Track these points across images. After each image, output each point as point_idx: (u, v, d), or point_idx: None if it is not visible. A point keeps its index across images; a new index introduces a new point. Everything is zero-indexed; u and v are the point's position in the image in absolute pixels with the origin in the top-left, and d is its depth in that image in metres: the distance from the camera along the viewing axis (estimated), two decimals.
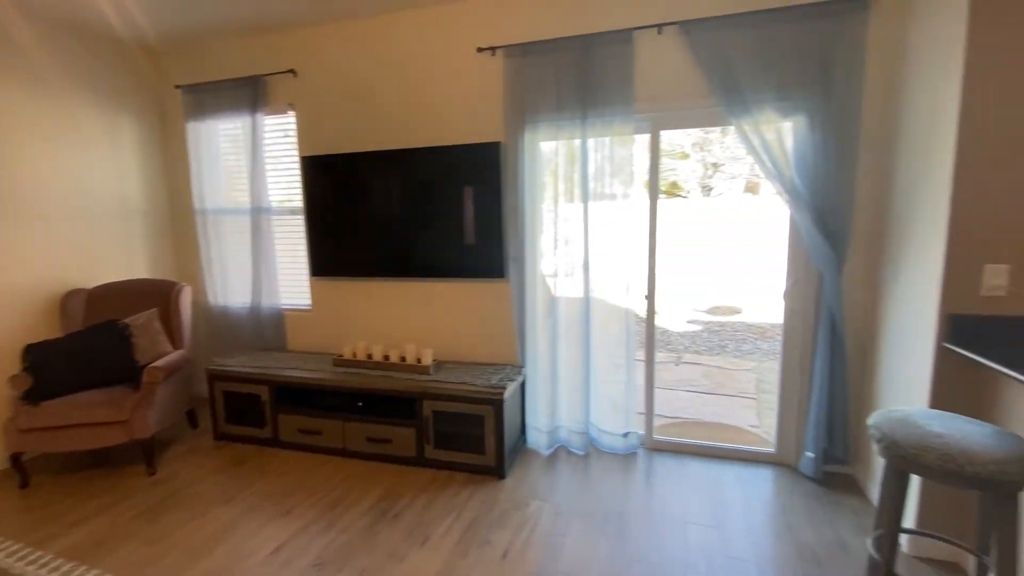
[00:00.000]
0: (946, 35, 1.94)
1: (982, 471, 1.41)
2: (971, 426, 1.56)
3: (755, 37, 2.49)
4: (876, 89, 2.44)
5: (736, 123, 2.56)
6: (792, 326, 2.77)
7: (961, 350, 1.81)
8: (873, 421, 1.66)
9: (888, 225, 2.42)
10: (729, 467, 2.86)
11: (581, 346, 3.00)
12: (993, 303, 1.88)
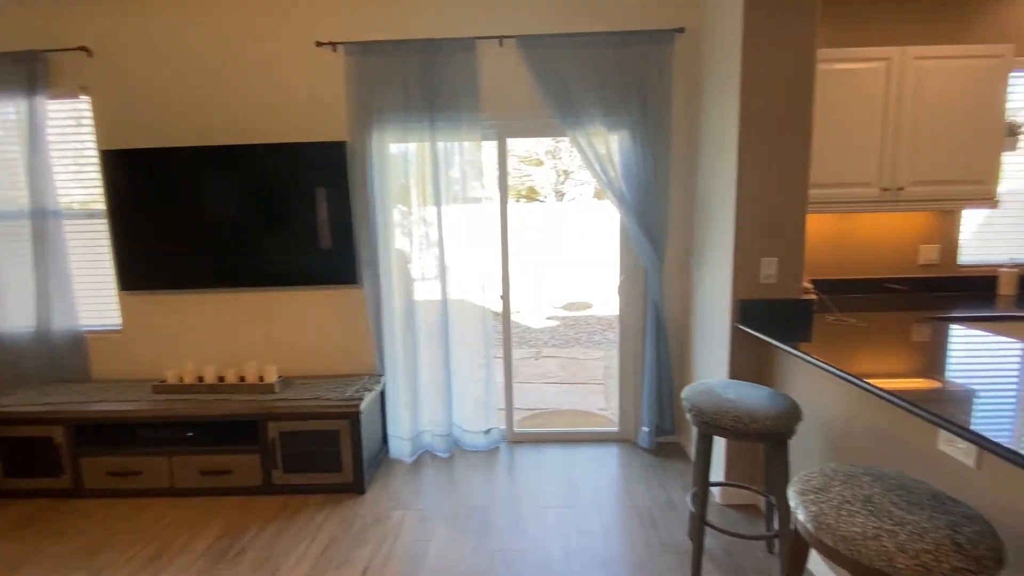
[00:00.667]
0: (726, 68, 2.34)
1: (761, 427, 1.73)
2: (755, 391, 1.90)
3: (584, 57, 2.75)
4: (682, 110, 2.85)
5: (572, 135, 2.79)
6: (626, 317, 3.11)
7: (747, 328, 2.20)
8: (685, 394, 1.94)
9: (695, 227, 2.84)
10: (582, 450, 3.10)
11: (441, 349, 3.01)
12: (768, 289, 2.33)
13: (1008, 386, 1.38)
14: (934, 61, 2.51)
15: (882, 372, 1.52)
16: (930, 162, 2.57)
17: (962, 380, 1.44)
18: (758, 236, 2.30)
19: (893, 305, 2.65)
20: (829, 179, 2.61)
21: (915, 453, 1.49)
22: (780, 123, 2.22)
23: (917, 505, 1.15)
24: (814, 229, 2.96)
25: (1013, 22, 2.82)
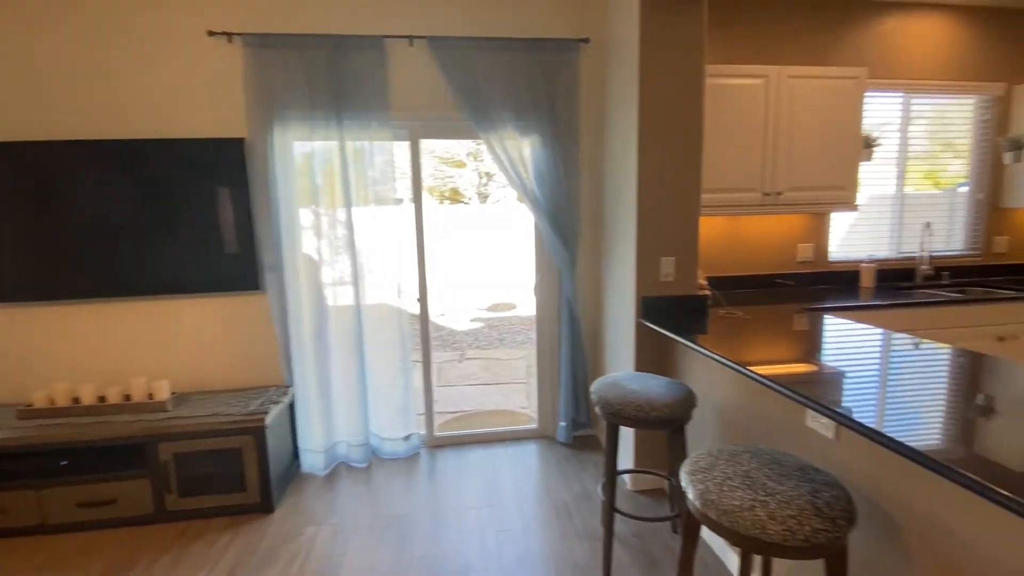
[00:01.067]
0: (627, 80, 2.48)
1: (660, 415, 1.84)
2: (655, 381, 2.03)
3: (496, 61, 2.78)
4: (590, 117, 2.97)
5: (486, 138, 2.82)
6: (542, 316, 3.19)
7: (649, 323, 2.34)
8: (594, 388, 2.02)
9: (604, 229, 2.97)
10: (503, 448, 3.14)
11: (356, 356, 2.91)
12: (667, 286, 2.49)
13: (862, 367, 1.58)
14: (804, 80, 2.83)
15: (760, 359, 1.69)
16: (803, 170, 2.89)
17: (826, 363, 1.63)
18: (657, 237, 2.45)
19: (776, 298, 2.94)
20: (719, 185, 2.85)
21: (788, 430, 1.67)
22: (675, 132, 2.39)
23: (786, 476, 1.28)
24: (708, 230, 3.21)
25: (867, 49, 3.24)
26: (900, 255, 3.49)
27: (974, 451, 1.03)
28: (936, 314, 2.83)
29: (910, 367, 1.57)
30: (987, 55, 3.38)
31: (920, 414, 1.21)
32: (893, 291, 3.16)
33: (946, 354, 1.68)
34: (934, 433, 1.11)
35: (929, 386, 1.40)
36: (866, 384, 1.43)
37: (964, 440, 1.08)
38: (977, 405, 1.27)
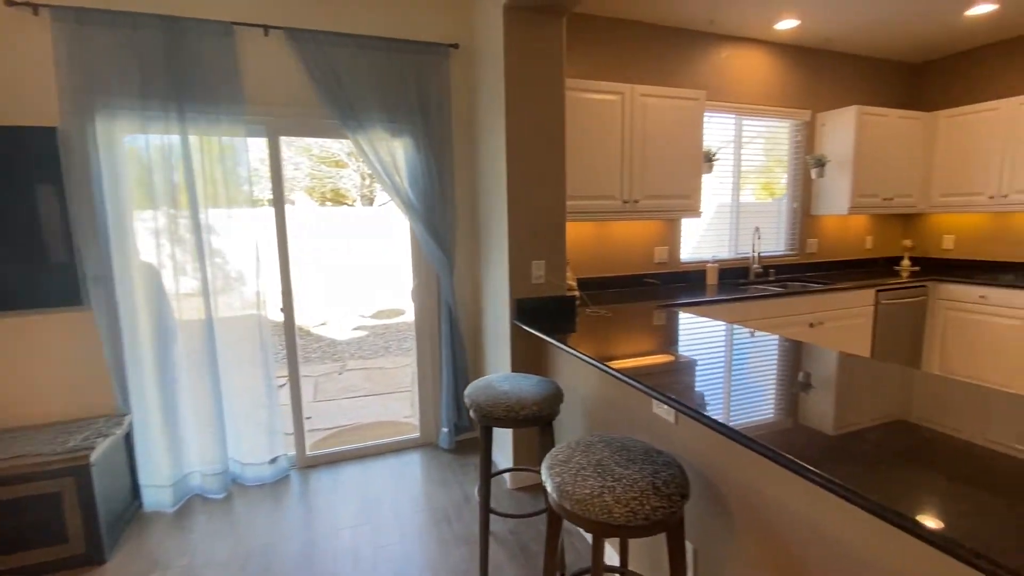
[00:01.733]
0: (494, 88, 2.54)
1: (529, 413, 1.90)
2: (526, 381, 2.09)
3: (363, 60, 2.69)
4: (463, 122, 3.00)
5: (353, 138, 2.70)
6: (422, 321, 3.14)
7: (523, 325, 2.41)
8: (467, 392, 2.03)
9: (480, 233, 3.01)
10: (383, 461, 3.02)
11: (209, 375, 2.61)
12: (539, 288, 2.59)
13: (700, 356, 1.78)
14: (654, 99, 3.12)
15: (616, 354, 1.82)
16: (655, 180, 3.19)
17: (670, 354, 1.81)
18: (528, 241, 2.54)
19: (637, 297, 3.20)
20: (585, 192, 3.03)
21: (639, 417, 1.82)
22: (540, 141, 2.49)
23: (632, 461, 1.39)
24: (577, 235, 3.40)
25: (705, 74, 3.67)
26: (737, 256, 4.01)
27: (776, 426, 1.20)
28: (764, 306, 3.29)
29: (738, 355, 1.79)
30: (798, 86, 4.03)
31: (740, 396, 1.39)
32: (732, 287, 3.62)
33: (765, 342, 1.95)
34: (747, 411, 1.28)
35: (751, 371, 1.61)
36: (700, 371, 1.61)
37: (770, 416, 1.25)
38: (785, 388, 1.48)
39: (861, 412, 1.25)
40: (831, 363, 1.66)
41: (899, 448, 1.04)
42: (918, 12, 3.37)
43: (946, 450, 1.03)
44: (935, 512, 0.82)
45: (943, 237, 4.40)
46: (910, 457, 1.00)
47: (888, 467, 0.96)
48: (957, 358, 3.77)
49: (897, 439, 1.08)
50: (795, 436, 1.12)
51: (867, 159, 3.90)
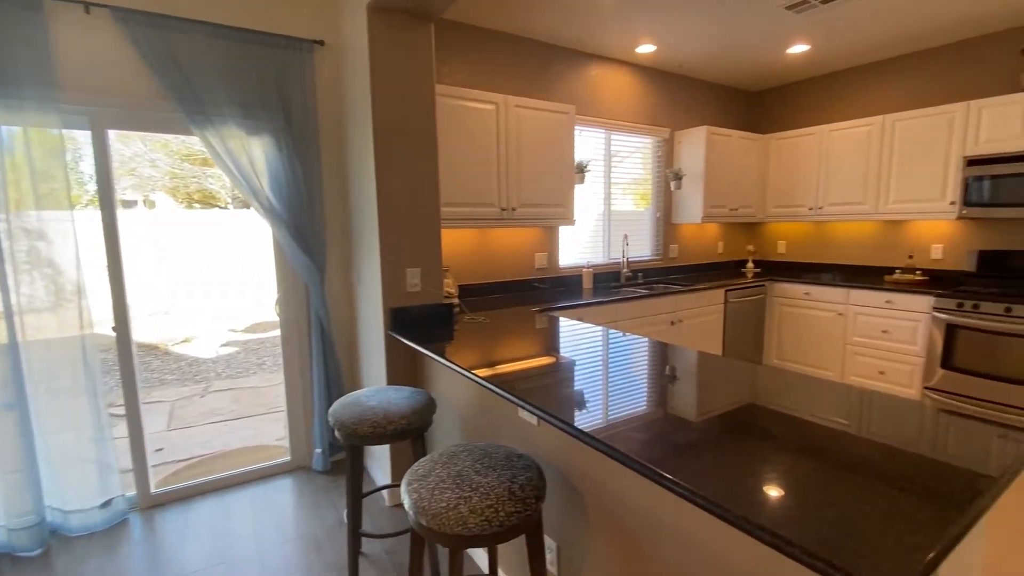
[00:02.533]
0: (361, 89, 2.45)
1: (398, 427, 1.84)
2: (397, 393, 2.02)
3: (212, 49, 2.44)
4: (331, 123, 2.85)
5: (200, 134, 2.44)
6: (289, 335, 2.92)
7: (396, 335, 2.34)
8: (332, 410, 1.91)
9: (353, 240, 2.88)
10: (248, 491, 2.75)
11: (14, 410, 2.18)
12: (415, 296, 2.53)
13: (564, 359, 1.84)
14: (527, 110, 3.23)
15: (485, 361, 1.83)
16: (530, 189, 3.29)
17: (540, 359, 1.86)
18: (401, 248, 2.48)
19: (518, 302, 3.27)
20: (463, 199, 3.04)
21: (507, 423, 1.84)
22: (411, 146, 2.44)
23: (492, 468, 1.39)
24: (458, 242, 3.40)
25: (576, 89, 3.88)
26: (610, 261, 4.28)
27: (618, 427, 1.27)
28: (633, 306, 3.54)
29: (601, 356, 1.89)
30: (658, 105, 4.42)
31: (597, 396, 1.46)
32: (605, 290, 3.85)
33: (628, 343, 2.09)
34: (600, 410, 1.35)
35: (613, 372, 1.71)
36: (564, 373, 1.67)
37: (624, 413, 1.33)
38: (650, 384, 1.59)
39: (716, 400, 1.38)
40: (685, 360, 1.82)
41: (748, 425, 1.16)
42: (750, 47, 3.87)
43: (782, 424, 1.17)
44: (739, 499, 0.91)
45: (778, 242, 5.09)
46: (755, 432, 1.12)
47: (722, 447, 1.07)
48: (789, 346, 4.38)
49: (747, 416, 1.21)
50: (638, 432, 1.20)
51: (716, 174, 4.39)
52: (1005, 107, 3.33)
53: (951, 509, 0.85)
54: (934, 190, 3.69)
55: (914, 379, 3.61)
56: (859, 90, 4.37)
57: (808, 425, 1.20)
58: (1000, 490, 0.94)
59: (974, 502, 0.87)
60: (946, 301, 3.38)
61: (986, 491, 0.91)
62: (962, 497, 0.89)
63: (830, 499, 0.88)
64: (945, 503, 0.87)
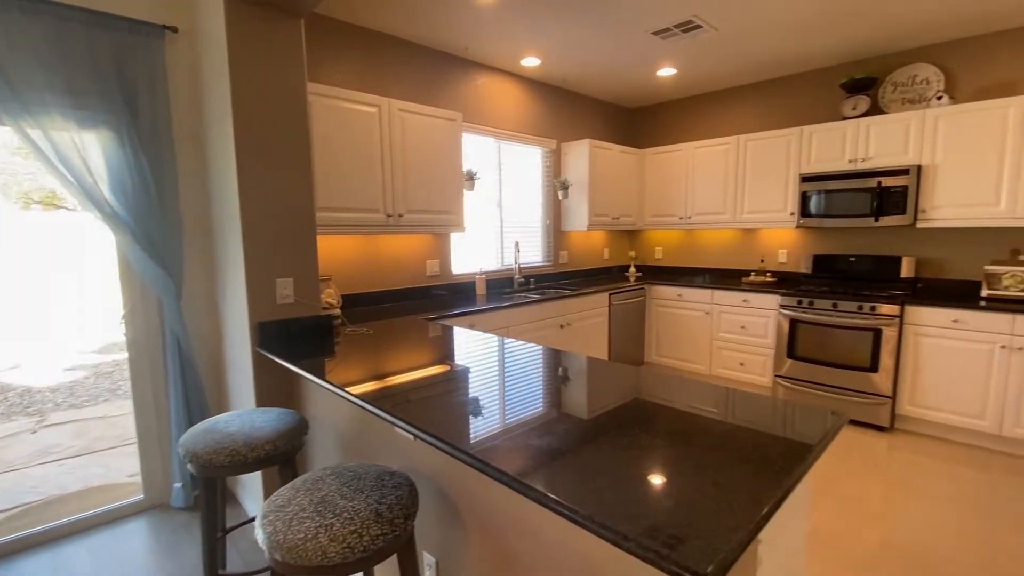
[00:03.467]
0: (220, 84, 2.23)
1: (262, 453, 1.69)
2: (262, 416, 1.86)
3: (29, 26, 2.07)
4: (188, 119, 2.56)
5: (14, 124, 2.06)
6: (138, 355, 2.58)
7: (264, 352, 2.15)
8: (183, 439, 1.70)
9: (216, 248, 2.61)
10: (89, 539, 2.37)
11: None
12: (287, 309, 2.35)
13: (450, 369, 1.81)
14: (411, 115, 3.17)
15: (363, 375, 1.74)
16: (418, 195, 3.23)
17: (421, 370, 1.81)
18: (270, 257, 2.29)
19: (408, 310, 3.19)
20: (346, 204, 2.90)
21: (385, 439, 1.77)
22: (279, 148, 2.28)
23: (360, 490, 1.32)
24: (343, 249, 3.24)
25: (465, 97, 3.89)
26: (503, 267, 4.34)
27: (489, 438, 1.27)
28: (525, 311, 3.62)
29: (483, 366, 1.89)
30: (546, 117, 4.58)
31: (467, 409, 1.45)
32: (499, 296, 3.90)
33: (515, 350, 2.11)
34: (471, 423, 1.33)
35: (495, 380, 1.70)
36: (444, 384, 1.64)
37: (486, 426, 1.33)
38: (513, 397, 1.60)
39: (606, 398, 1.42)
40: (562, 366, 1.87)
41: (635, 416, 1.20)
42: (626, 67, 4.16)
43: (663, 413, 1.22)
44: (589, 498, 0.95)
45: (655, 248, 5.52)
46: (639, 420, 1.16)
47: (596, 450, 1.10)
48: (666, 343, 4.75)
49: (634, 410, 1.25)
50: (506, 440, 1.20)
51: (599, 185, 4.65)
52: (830, 132, 3.92)
53: (781, 474, 0.95)
54: (778, 202, 4.23)
55: (767, 369, 4.09)
56: (719, 112, 4.88)
57: (681, 417, 1.29)
58: (816, 456, 1.09)
59: (797, 466, 0.99)
60: (789, 299, 3.88)
61: (807, 456, 1.05)
62: (790, 463, 1.00)
63: (687, 480, 0.95)
64: (778, 469, 0.97)
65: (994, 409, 3.13)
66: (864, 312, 3.52)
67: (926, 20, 3.30)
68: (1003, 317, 3.07)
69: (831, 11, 3.14)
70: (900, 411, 3.48)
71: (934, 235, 3.80)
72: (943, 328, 3.27)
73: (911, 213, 3.55)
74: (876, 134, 3.71)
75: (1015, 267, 3.29)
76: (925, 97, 3.72)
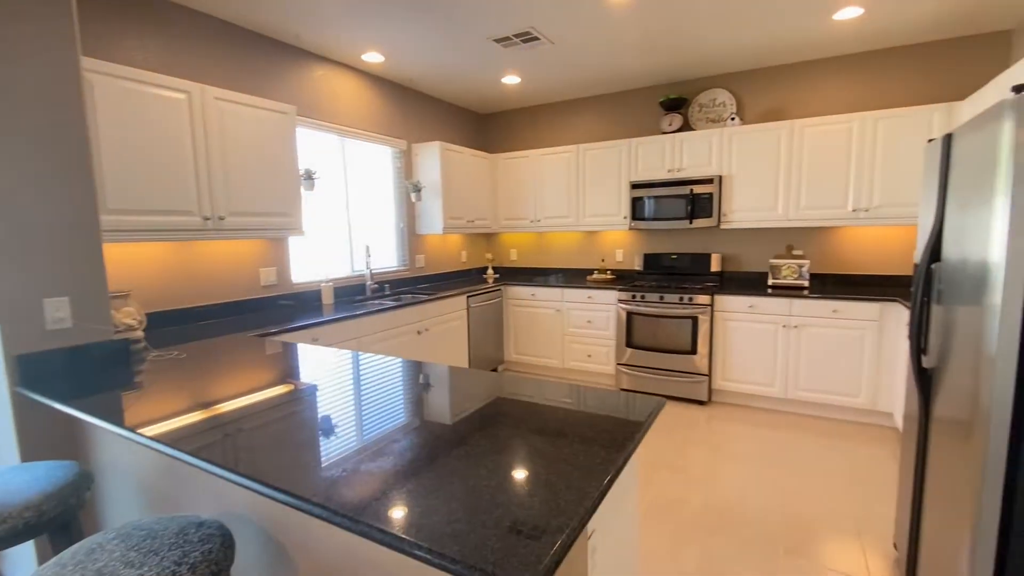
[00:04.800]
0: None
1: (21, 523, 1.32)
2: (23, 474, 1.46)
3: None
4: None
5: None
6: None
7: (29, 392, 1.70)
8: None
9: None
10: None
11: None
12: (63, 336, 1.90)
13: (271, 396, 1.60)
14: (233, 105, 2.80)
15: (165, 410, 1.46)
16: (244, 196, 2.87)
17: (238, 401, 1.57)
18: (34, 273, 1.83)
19: (237, 326, 2.81)
20: (151, 206, 2.45)
21: (199, 483, 1.52)
22: (34, 135, 1.82)
23: (154, 552, 1.09)
24: (150, 258, 2.75)
25: (298, 89, 3.58)
26: (354, 273, 4.09)
27: (304, 474, 1.13)
28: (378, 320, 3.44)
29: (318, 390, 1.71)
30: (394, 116, 4.42)
31: (285, 437, 1.29)
32: (350, 305, 3.65)
33: (348, 367, 1.95)
34: (286, 454, 1.18)
35: (320, 405, 1.54)
36: (261, 416, 1.44)
37: (308, 461, 1.19)
38: (340, 422, 1.47)
39: (465, 407, 1.33)
40: (414, 376, 1.77)
41: (497, 412, 1.13)
42: (471, 72, 4.20)
43: (522, 408, 1.18)
44: (411, 520, 0.88)
45: (511, 251, 5.70)
46: (500, 417, 1.10)
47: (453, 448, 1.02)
48: (523, 341, 4.93)
49: (495, 408, 1.19)
50: (326, 471, 1.08)
51: (452, 187, 4.64)
52: (652, 145, 4.41)
53: (604, 471, 0.99)
54: (613, 207, 4.64)
55: (611, 359, 4.46)
56: (562, 122, 5.21)
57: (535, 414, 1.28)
58: (643, 432, 1.16)
59: (627, 442, 1.04)
60: (624, 294, 4.28)
61: (635, 433, 1.10)
62: (623, 439, 1.05)
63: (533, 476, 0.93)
64: (602, 468, 1.01)
65: (780, 377, 3.81)
66: (684, 303, 4.02)
67: (720, 52, 3.89)
68: (783, 301, 3.74)
69: (650, 36, 3.53)
70: (715, 386, 4.05)
71: (733, 235, 4.50)
72: (742, 313, 3.89)
73: (716, 216, 4.15)
74: (688, 148, 4.27)
75: (790, 260, 4.04)
76: (723, 118, 4.39)
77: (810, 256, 4.21)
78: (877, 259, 3.98)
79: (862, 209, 3.70)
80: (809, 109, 4.11)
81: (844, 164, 3.72)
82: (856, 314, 3.51)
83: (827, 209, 3.82)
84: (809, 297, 3.65)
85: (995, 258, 1.28)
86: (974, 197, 1.42)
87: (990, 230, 1.30)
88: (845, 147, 3.71)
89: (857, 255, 4.04)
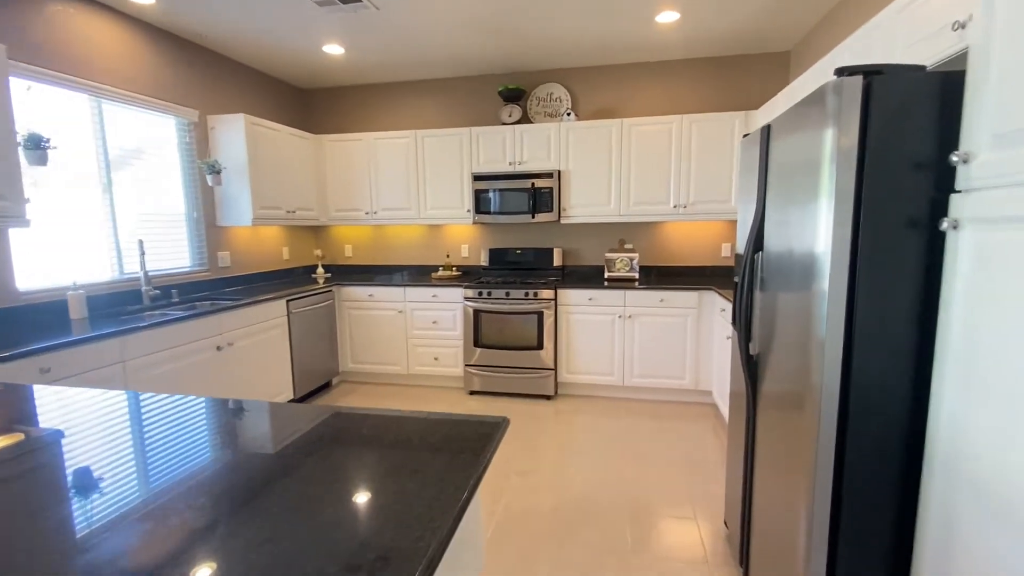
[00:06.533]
0: None
1: None
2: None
3: None
4: None
5: None
6: None
7: None
8: None
9: None
10: None
11: None
12: None
13: None
14: None
15: None
16: None
17: None
18: None
19: None
20: None
21: None
22: None
23: None
24: None
25: (19, 25, 2.59)
26: (123, 277, 3.16)
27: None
28: (159, 335, 2.66)
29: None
30: (180, 79, 3.53)
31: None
32: (114, 318, 2.78)
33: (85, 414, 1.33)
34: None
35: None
36: None
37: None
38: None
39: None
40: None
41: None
42: (285, 36, 3.55)
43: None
44: None
45: (345, 246, 5.09)
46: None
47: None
48: (361, 348, 4.41)
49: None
50: None
51: (264, 170, 3.90)
52: (493, 135, 4.23)
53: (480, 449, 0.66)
54: (456, 199, 4.38)
55: (459, 360, 4.20)
56: (399, 104, 4.77)
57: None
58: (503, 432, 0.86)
59: (488, 444, 0.72)
60: (471, 291, 4.05)
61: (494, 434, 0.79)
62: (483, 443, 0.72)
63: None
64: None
65: (618, 365, 3.94)
66: (530, 298, 3.94)
67: (555, 46, 3.86)
68: (618, 293, 3.86)
69: (480, 18, 3.31)
70: (561, 379, 4.05)
71: (572, 229, 4.57)
72: (583, 305, 3.93)
73: (556, 211, 4.15)
74: (528, 141, 4.19)
75: (623, 253, 4.21)
76: (559, 112, 4.41)
77: (640, 250, 4.46)
78: (693, 251, 4.37)
79: (681, 205, 3.99)
80: (637, 109, 4.33)
81: (666, 163, 3.98)
82: (679, 303, 3.77)
83: (653, 205, 4.05)
84: (639, 288, 3.82)
85: (821, 248, 1.27)
86: (797, 186, 1.42)
87: (816, 218, 1.29)
88: (667, 147, 3.96)
89: (678, 248, 4.39)
